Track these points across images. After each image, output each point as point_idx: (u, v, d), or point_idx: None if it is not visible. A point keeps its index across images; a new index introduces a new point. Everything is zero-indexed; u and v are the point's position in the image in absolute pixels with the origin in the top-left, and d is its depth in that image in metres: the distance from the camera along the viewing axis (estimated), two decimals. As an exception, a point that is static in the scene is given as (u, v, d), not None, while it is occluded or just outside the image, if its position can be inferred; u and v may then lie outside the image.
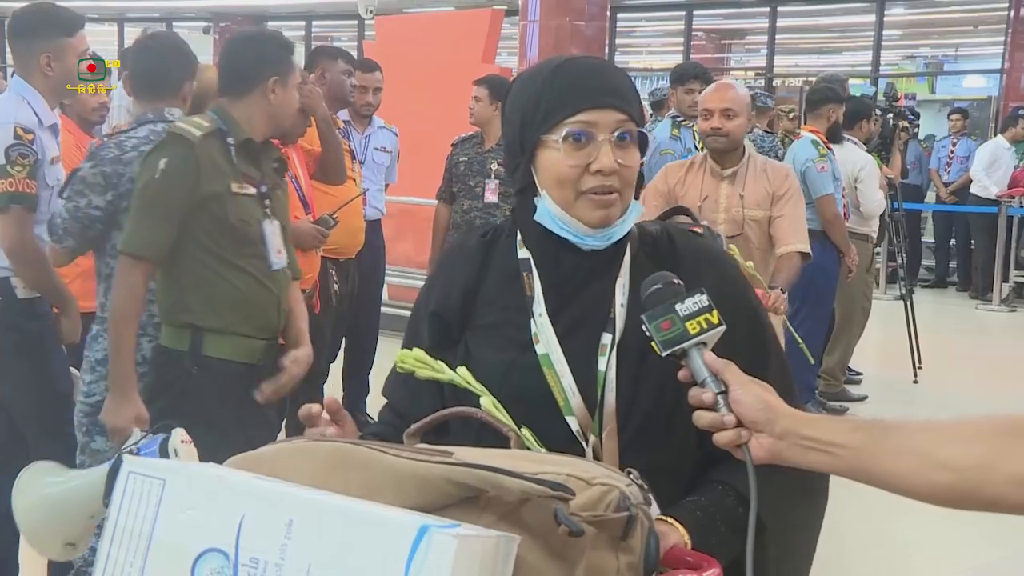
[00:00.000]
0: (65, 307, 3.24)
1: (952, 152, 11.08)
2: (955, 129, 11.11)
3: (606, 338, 1.44)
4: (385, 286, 5.95)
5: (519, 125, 1.46)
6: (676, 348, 1.28)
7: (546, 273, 1.48)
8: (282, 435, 4.13)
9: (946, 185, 10.97)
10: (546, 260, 1.48)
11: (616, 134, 1.41)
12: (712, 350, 1.30)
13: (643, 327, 1.31)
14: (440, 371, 1.45)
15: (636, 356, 1.40)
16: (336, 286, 4.46)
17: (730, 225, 3.91)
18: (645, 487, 1.21)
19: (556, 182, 1.43)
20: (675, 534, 1.32)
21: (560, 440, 1.40)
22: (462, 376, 1.44)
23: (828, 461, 1.22)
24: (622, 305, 1.45)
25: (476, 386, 1.43)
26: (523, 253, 1.51)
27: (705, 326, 1.28)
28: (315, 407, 1.34)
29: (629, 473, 1.21)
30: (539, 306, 1.46)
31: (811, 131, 5.89)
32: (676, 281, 1.33)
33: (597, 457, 1.41)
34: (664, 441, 1.42)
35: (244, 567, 1.02)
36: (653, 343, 1.30)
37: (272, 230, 2.77)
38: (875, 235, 6.39)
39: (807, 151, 5.72)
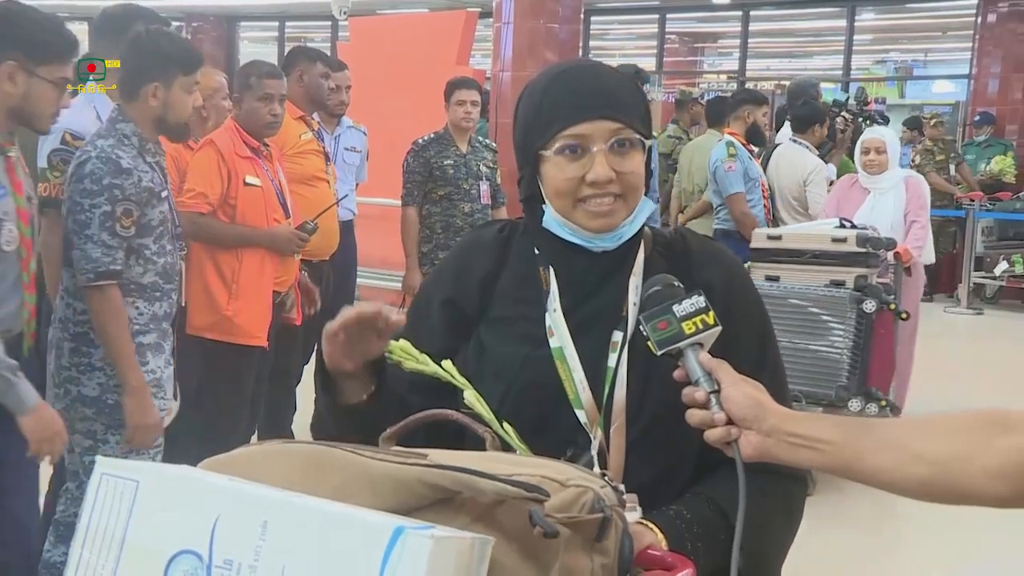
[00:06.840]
0: None
1: (913, 159, 11.11)
2: (906, 140, 11.01)
3: (617, 336, 1.46)
4: (357, 287, 5.92)
5: (522, 137, 1.49)
6: (672, 348, 1.31)
7: (561, 272, 1.50)
8: (255, 438, 4.11)
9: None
10: (559, 262, 1.51)
11: (611, 143, 1.42)
12: (713, 347, 1.32)
13: (640, 327, 1.34)
14: (425, 364, 1.45)
15: (647, 354, 1.41)
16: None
17: None
18: (620, 489, 1.22)
19: (555, 193, 1.46)
20: (650, 535, 1.33)
21: (568, 432, 1.43)
22: (447, 370, 1.44)
23: (814, 457, 1.24)
24: (635, 304, 1.46)
25: (459, 380, 1.43)
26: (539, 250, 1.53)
27: (701, 327, 1.31)
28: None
29: (604, 475, 1.22)
30: (554, 301, 1.49)
31: (730, 133, 6.09)
32: (676, 283, 1.36)
33: (603, 450, 1.43)
34: (672, 441, 1.43)
35: (218, 569, 1.02)
36: (649, 342, 1.32)
37: None
38: None
39: (719, 152, 6.00)
